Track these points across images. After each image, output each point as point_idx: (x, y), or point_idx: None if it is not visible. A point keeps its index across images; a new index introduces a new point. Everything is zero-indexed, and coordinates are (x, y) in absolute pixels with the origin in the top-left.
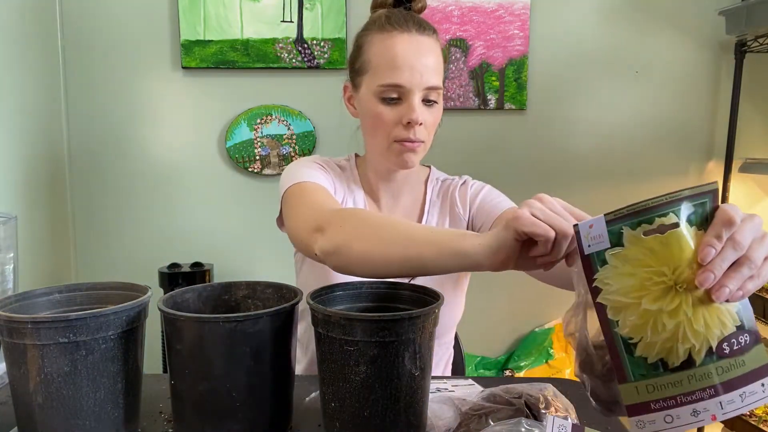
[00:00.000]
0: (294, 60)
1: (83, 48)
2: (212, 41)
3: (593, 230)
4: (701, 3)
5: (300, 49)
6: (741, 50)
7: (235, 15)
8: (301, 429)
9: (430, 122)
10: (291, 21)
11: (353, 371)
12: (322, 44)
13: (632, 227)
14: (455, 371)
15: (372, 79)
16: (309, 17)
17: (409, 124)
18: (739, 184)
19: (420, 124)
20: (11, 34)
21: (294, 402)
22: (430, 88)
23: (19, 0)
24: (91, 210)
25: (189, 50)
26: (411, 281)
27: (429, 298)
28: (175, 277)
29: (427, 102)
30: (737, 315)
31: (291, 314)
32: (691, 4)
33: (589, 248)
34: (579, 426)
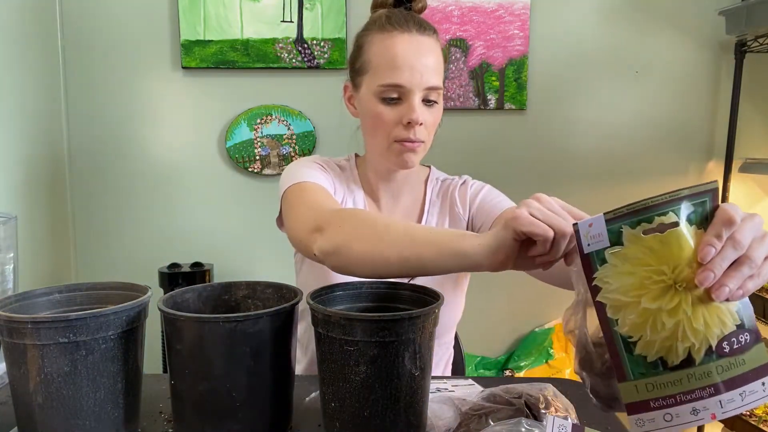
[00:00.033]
0: (294, 60)
1: (83, 48)
2: (212, 41)
3: (592, 229)
4: (701, 3)
5: (300, 49)
6: (741, 50)
7: (235, 15)
8: (301, 429)
9: (430, 122)
10: (291, 21)
11: (353, 371)
12: (322, 44)
13: (632, 226)
14: (455, 371)
15: (372, 79)
16: (309, 17)
17: (410, 124)
18: (739, 184)
19: (420, 124)
20: (11, 34)
21: (294, 402)
22: (431, 88)
23: (19, 0)
24: (91, 210)
25: (189, 50)
26: (411, 281)
27: (429, 298)
28: (175, 277)
29: (428, 102)
30: (737, 314)
31: (291, 314)
32: (691, 4)
33: (589, 247)
34: (579, 426)
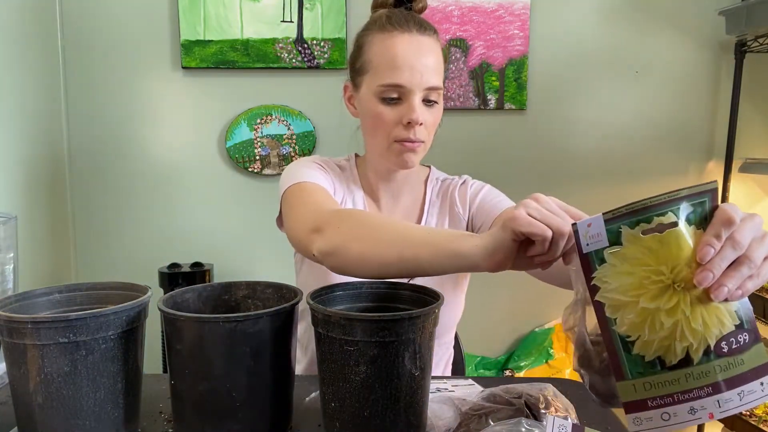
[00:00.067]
0: (294, 60)
1: (83, 48)
2: (212, 41)
3: (592, 229)
4: (701, 3)
5: (300, 49)
6: (741, 50)
7: (235, 15)
8: (301, 429)
9: (431, 122)
10: (291, 21)
11: (353, 371)
12: (322, 44)
13: (631, 226)
14: (455, 371)
15: (372, 79)
16: (309, 17)
17: (410, 124)
18: (739, 184)
19: (420, 124)
20: (11, 34)
21: (294, 402)
22: (431, 89)
23: (19, 0)
24: (91, 210)
25: (189, 50)
26: (411, 281)
27: (429, 298)
28: (175, 277)
29: (428, 102)
30: (736, 314)
31: (291, 314)
32: (691, 4)
33: (588, 247)
34: (579, 426)
